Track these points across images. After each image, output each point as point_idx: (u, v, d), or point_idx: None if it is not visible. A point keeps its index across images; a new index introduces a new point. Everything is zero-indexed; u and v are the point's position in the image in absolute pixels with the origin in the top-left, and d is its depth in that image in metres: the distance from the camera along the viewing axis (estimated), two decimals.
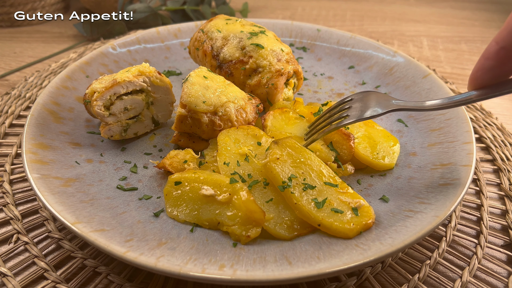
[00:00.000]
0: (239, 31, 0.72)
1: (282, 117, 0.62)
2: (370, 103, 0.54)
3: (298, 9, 1.39)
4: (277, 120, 0.62)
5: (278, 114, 0.63)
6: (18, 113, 0.76)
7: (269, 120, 0.62)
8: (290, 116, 0.63)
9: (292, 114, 0.63)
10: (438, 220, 0.45)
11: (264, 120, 0.62)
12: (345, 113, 0.55)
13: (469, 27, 1.26)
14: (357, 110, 0.54)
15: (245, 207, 0.47)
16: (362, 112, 0.53)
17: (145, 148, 0.64)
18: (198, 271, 0.40)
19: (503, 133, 0.74)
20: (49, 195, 0.49)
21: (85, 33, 1.09)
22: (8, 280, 0.47)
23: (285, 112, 0.63)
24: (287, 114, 0.63)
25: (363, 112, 0.53)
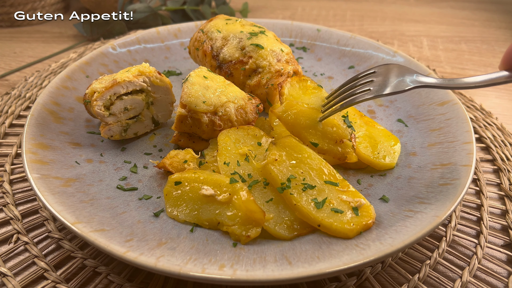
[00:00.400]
0: (239, 31, 0.72)
1: (299, 86, 0.60)
2: (393, 77, 0.50)
3: (298, 9, 1.39)
4: (294, 89, 0.59)
5: (295, 83, 0.60)
6: (18, 113, 0.76)
7: (286, 88, 0.59)
8: (308, 86, 0.60)
9: (310, 84, 0.61)
10: (438, 220, 0.45)
11: (281, 87, 0.59)
12: (366, 86, 0.51)
13: (469, 27, 1.26)
14: (379, 84, 0.50)
15: (245, 207, 0.47)
16: (383, 87, 0.49)
17: (145, 148, 0.64)
18: (198, 271, 0.40)
19: (503, 133, 0.74)
20: (49, 195, 0.49)
21: (85, 33, 1.09)
22: (8, 280, 0.47)
23: (302, 80, 0.61)
24: (304, 83, 0.61)
25: (384, 87, 0.49)
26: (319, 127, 0.54)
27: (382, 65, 0.54)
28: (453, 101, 0.66)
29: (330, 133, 0.53)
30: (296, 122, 0.54)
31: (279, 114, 0.55)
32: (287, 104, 0.55)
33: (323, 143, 0.53)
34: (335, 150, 0.53)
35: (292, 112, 0.55)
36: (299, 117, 0.54)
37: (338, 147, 0.53)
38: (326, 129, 0.54)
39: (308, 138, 0.54)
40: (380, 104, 0.75)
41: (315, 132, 0.54)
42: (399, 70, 0.52)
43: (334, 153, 0.53)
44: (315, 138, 0.54)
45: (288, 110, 0.55)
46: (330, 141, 0.53)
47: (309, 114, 0.55)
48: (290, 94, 0.59)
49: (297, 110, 0.55)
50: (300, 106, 0.55)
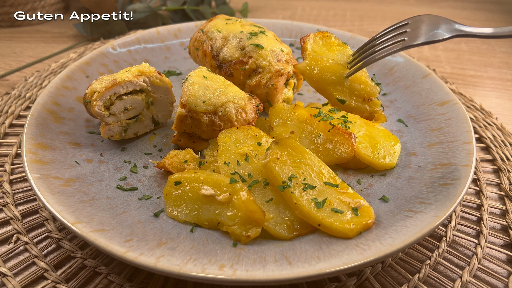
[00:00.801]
0: (239, 31, 0.72)
1: (323, 42, 0.57)
2: (426, 27, 0.46)
3: (298, 9, 1.39)
4: (317, 45, 0.57)
5: (319, 39, 0.57)
6: (18, 113, 0.76)
7: (309, 43, 0.56)
8: (332, 42, 0.58)
9: (334, 40, 0.58)
10: (438, 220, 0.45)
11: (304, 42, 0.56)
12: (397, 38, 0.47)
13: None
14: (411, 35, 0.46)
15: (245, 207, 0.47)
16: (416, 37, 0.45)
17: (145, 148, 0.64)
18: (198, 271, 0.40)
19: (503, 133, 0.74)
20: (49, 195, 0.49)
21: (85, 33, 1.09)
22: (8, 280, 0.47)
23: (326, 37, 0.58)
24: (328, 39, 0.58)
25: (417, 38, 0.45)
26: (345, 84, 0.51)
27: (415, 16, 0.49)
28: (453, 101, 0.66)
29: (358, 90, 0.51)
30: (321, 78, 0.52)
31: (303, 69, 0.52)
32: (312, 58, 0.53)
33: (350, 100, 0.51)
34: (363, 108, 0.51)
35: (317, 67, 0.52)
36: (325, 72, 0.52)
37: (366, 105, 0.51)
38: (353, 86, 0.51)
39: (334, 95, 0.51)
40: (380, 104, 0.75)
41: (341, 88, 0.51)
42: (435, 19, 0.47)
43: (362, 111, 0.51)
44: (342, 95, 0.51)
45: (312, 64, 0.52)
46: (358, 98, 0.51)
47: (335, 69, 0.52)
48: (313, 50, 0.56)
49: (322, 65, 0.52)
50: (325, 61, 0.53)
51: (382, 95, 0.77)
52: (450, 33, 0.45)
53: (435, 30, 0.45)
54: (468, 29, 0.45)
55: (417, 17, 0.49)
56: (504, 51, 1.11)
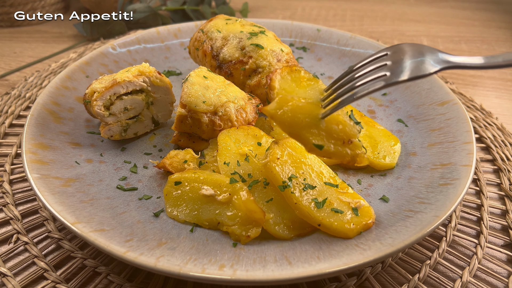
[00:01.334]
0: (239, 31, 0.72)
1: (292, 77, 0.50)
2: (409, 58, 0.40)
3: (298, 9, 1.39)
4: (286, 81, 0.50)
5: (286, 74, 0.50)
6: (18, 113, 0.76)
7: (276, 80, 0.49)
8: (301, 77, 0.50)
9: (304, 74, 0.50)
10: (438, 220, 0.45)
11: (271, 80, 0.49)
12: (378, 72, 0.40)
13: (469, 27, 1.26)
14: (393, 69, 0.39)
15: (245, 207, 0.47)
16: (399, 71, 0.38)
17: (145, 148, 0.64)
18: (198, 271, 0.40)
19: (503, 133, 0.74)
20: (49, 195, 0.48)
21: (85, 33, 1.09)
22: (8, 280, 0.47)
23: (295, 71, 0.50)
24: (297, 73, 0.50)
25: (401, 72, 0.38)
26: (321, 126, 0.44)
27: (394, 45, 0.43)
28: (453, 101, 0.66)
29: (336, 132, 0.44)
30: (294, 121, 0.44)
31: (272, 112, 0.44)
32: (281, 99, 0.45)
33: (329, 145, 0.43)
34: (343, 153, 0.44)
35: (287, 109, 0.44)
36: (297, 114, 0.44)
37: (347, 149, 0.44)
38: (330, 128, 0.43)
39: (310, 140, 0.43)
40: (380, 104, 0.75)
41: (317, 131, 0.44)
42: (418, 50, 0.41)
43: (342, 155, 0.44)
44: (319, 139, 0.44)
45: (282, 106, 0.44)
46: (337, 141, 0.44)
47: (309, 110, 0.44)
48: (281, 87, 0.50)
49: (293, 106, 0.44)
50: (296, 101, 0.44)
51: (382, 95, 0.77)
52: (437, 65, 0.39)
53: (420, 63, 0.39)
54: (456, 59, 0.40)
55: (397, 46, 0.42)
56: (504, 51, 1.11)
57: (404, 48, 0.42)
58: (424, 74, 0.38)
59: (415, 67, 0.39)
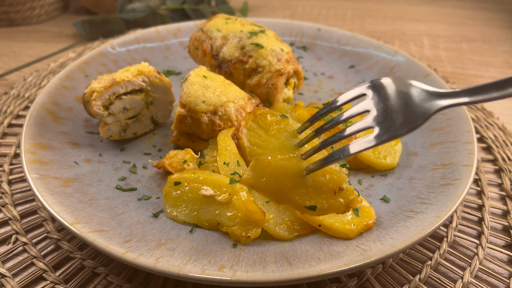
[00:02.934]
0: (239, 30, 0.72)
1: (258, 124, 0.42)
2: (395, 104, 0.34)
3: (298, 8, 1.39)
4: (254, 133, 0.42)
5: (252, 122, 0.42)
6: (17, 113, 0.76)
7: (243, 136, 0.41)
8: (269, 121, 0.43)
9: (270, 117, 0.43)
10: (439, 220, 0.45)
11: (238, 139, 0.42)
12: (364, 123, 0.35)
13: (470, 26, 1.26)
14: (381, 119, 0.34)
15: (245, 208, 0.46)
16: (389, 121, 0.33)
17: (145, 148, 0.64)
18: (197, 272, 0.40)
19: (505, 133, 0.74)
20: (48, 195, 0.48)
21: (84, 33, 1.09)
22: (7, 281, 0.46)
23: (259, 116, 0.43)
24: (263, 118, 0.43)
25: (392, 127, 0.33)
26: (308, 182, 0.38)
27: (372, 82, 0.37)
28: None
29: (325, 185, 0.39)
30: (278, 187, 0.38)
31: (251, 182, 0.38)
32: (255, 165, 0.38)
33: (321, 201, 0.39)
34: (337, 205, 0.39)
35: (267, 175, 0.38)
36: (279, 178, 0.38)
37: (340, 199, 0.39)
38: (318, 181, 0.39)
39: (301, 203, 0.38)
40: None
41: (305, 190, 0.38)
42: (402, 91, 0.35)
43: (337, 207, 0.39)
44: (309, 199, 0.38)
45: (260, 173, 0.38)
46: (328, 194, 0.39)
47: (290, 169, 0.38)
48: (252, 143, 0.41)
49: (272, 170, 0.38)
50: (273, 162, 0.38)
51: None
52: (428, 110, 0.34)
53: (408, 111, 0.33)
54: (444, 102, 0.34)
55: (376, 85, 0.36)
56: (505, 50, 1.10)
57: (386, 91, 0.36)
58: (415, 126, 0.33)
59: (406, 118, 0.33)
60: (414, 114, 0.34)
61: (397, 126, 0.34)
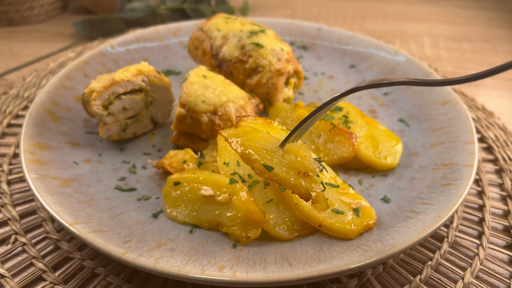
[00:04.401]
0: (239, 30, 0.71)
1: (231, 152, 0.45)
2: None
3: (298, 8, 1.38)
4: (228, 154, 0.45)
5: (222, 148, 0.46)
6: (16, 112, 0.76)
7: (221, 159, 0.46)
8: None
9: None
10: (439, 220, 0.45)
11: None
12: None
13: (470, 26, 1.26)
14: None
15: (245, 208, 0.46)
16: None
17: (144, 148, 0.64)
18: (197, 272, 0.40)
19: (505, 133, 0.73)
20: (47, 195, 0.48)
21: (83, 32, 1.08)
22: (6, 281, 0.46)
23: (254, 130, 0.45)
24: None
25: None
26: (278, 153, 0.42)
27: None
28: (455, 100, 0.66)
29: (293, 162, 0.41)
30: (250, 145, 0.41)
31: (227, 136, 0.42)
32: (239, 129, 0.43)
33: (281, 170, 0.40)
34: (296, 183, 0.40)
35: (247, 135, 0.42)
36: (255, 139, 0.42)
37: (301, 180, 0.40)
38: (289, 157, 0.41)
39: (260, 160, 0.41)
40: (382, 103, 0.74)
41: (271, 157, 0.41)
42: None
43: (294, 186, 0.40)
44: (270, 162, 0.41)
45: (241, 132, 0.43)
46: (290, 170, 0.40)
47: (268, 139, 0.43)
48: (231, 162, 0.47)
49: (253, 135, 0.42)
50: (256, 131, 0.43)
51: (383, 94, 0.76)
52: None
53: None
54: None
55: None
56: (506, 50, 1.10)
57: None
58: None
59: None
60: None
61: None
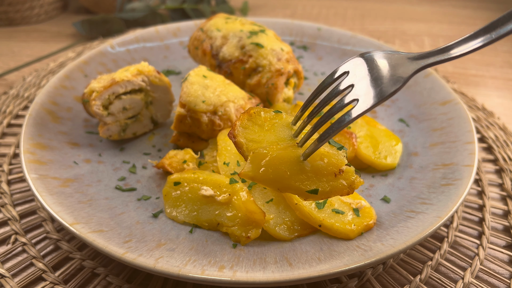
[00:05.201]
0: (239, 30, 0.71)
1: (253, 122, 0.43)
2: (378, 72, 0.36)
3: (298, 8, 1.38)
4: (250, 130, 0.42)
5: (247, 121, 0.43)
6: (16, 112, 0.76)
7: (240, 134, 0.42)
8: (263, 118, 0.43)
9: (265, 115, 0.44)
10: (440, 221, 0.45)
11: (234, 137, 0.42)
12: (349, 97, 0.36)
13: (470, 26, 1.26)
14: (365, 89, 0.36)
15: (245, 208, 0.46)
16: (374, 90, 0.35)
17: (144, 148, 0.64)
18: (197, 272, 0.40)
19: (505, 133, 0.73)
20: (47, 195, 0.48)
21: (83, 32, 1.08)
22: (6, 281, 0.46)
23: (254, 115, 0.43)
24: (258, 117, 0.43)
25: (377, 90, 0.35)
26: (307, 168, 0.39)
27: (347, 62, 0.40)
28: (455, 100, 0.66)
29: (324, 168, 0.39)
30: (278, 176, 0.39)
31: (251, 175, 0.39)
32: (254, 157, 0.39)
33: (323, 185, 0.39)
34: (339, 186, 0.39)
35: (265, 166, 0.39)
36: (278, 167, 0.39)
37: (341, 180, 0.39)
38: (316, 166, 0.39)
39: (302, 188, 0.39)
40: (382, 103, 0.74)
41: (306, 176, 0.39)
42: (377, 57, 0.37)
43: (340, 189, 0.39)
44: (311, 184, 0.39)
45: (258, 164, 0.39)
46: (328, 177, 0.39)
47: (286, 156, 0.39)
48: (248, 140, 0.42)
49: (270, 160, 0.39)
50: (270, 152, 0.39)
51: None
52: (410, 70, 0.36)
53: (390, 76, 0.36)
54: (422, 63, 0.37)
55: (355, 62, 0.39)
56: (506, 50, 1.10)
57: (365, 65, 0.38)
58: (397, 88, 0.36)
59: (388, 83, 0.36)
60: (394, 78, 0.36)
61: (381, 90, 0.36)
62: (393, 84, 0.36)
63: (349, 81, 0.38)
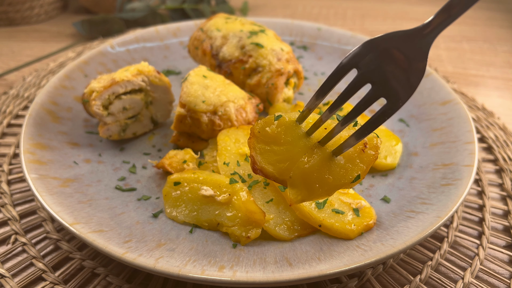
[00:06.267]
0: (239, 30, 0.71)
1: (264, 143, 0.40)
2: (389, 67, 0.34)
3: (298, 8, 1.38)
4: (268, 154, 0.40)
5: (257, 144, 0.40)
6: (16, 112, 0.76)
7: (262, 162, 0.40)
8: (270, 133, 0.41)
9: (270, 129, 0.41)
10: (440, 220, 0.45)
11: (261, 170, 0.40)
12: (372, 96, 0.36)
13: (470, 26, 1.26)
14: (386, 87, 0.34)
15: (245, 208, 0.46)
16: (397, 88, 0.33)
17: (144, 148, 0.64)
18: (197, 272, 0.40)
19: (505, 133, 0.73)
20: (47, 195, 0.48)
21: (83, 32, 1.08)
22: (6, 281, 0.46)
23: (259, 134, 0.40)
24: (265, 134, 0.41)
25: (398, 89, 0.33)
26: (342, 162, 0.39)
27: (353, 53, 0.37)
28: (455, 100, 0.66)
29: (353, 152, 0.39)
30: (323, 184, 0.38)
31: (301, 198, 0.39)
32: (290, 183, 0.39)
33: (359, 167, 0.38)
34: (370, 158, 0.39)
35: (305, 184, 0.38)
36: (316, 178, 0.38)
37: (369, 151, 0.39)
38: (347, 155, 0.39)
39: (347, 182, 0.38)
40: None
41: (344, 170, 0.38)
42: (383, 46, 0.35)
43: (372, 160, 0.39)
44: (351, 172, 0.38)
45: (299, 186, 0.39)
46: (360, 157, 0.39)
47: (321, 163, 0.38)
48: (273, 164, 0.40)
49: (305, 176, 0.38)
50: (301, 169, 0.38)
51: None
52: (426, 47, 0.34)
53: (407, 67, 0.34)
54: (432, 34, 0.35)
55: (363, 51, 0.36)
56: (506, 50, 1.10)
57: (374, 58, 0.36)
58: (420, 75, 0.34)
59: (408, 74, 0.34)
60: (412, 65, 0.34)
61: (404, 85, 0.34)
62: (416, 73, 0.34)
63: (364, 78, 0.37)
